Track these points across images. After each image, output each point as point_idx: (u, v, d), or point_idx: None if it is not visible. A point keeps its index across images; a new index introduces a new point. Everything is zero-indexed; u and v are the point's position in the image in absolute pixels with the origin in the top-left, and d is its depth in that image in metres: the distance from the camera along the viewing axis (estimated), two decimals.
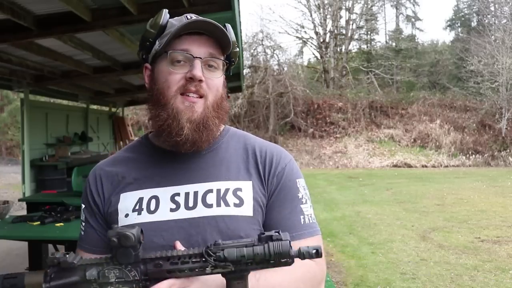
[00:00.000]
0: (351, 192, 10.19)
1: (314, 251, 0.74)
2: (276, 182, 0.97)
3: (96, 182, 1.00)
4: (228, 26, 0.97)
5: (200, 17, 0.92)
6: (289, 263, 0.75)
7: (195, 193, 0.93)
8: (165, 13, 0.95)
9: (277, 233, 0.75)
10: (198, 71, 0.89)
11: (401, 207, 8.06)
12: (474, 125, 18.56)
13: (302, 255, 0.74)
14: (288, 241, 0.75)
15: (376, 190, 10.41)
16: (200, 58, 0.91)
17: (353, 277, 4.30)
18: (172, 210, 0.92)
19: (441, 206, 8.06)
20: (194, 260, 0.77)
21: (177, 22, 0.94)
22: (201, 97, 0.92)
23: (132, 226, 0.77)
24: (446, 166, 16.32)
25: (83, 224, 1.01)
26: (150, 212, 0.92)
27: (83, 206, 1.02)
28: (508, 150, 17.06)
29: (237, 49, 0.99)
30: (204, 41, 0.92)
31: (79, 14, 3.79)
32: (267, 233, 0.76)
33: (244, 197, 0.94)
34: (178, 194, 0.93)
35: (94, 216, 0.99)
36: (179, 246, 0.87)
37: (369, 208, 7.97)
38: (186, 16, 0.95)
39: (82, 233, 1.01)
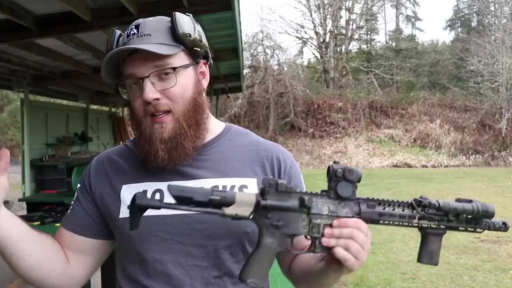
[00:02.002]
0: None
1: (502, 223, 0.81)
2: (288, 178, 1.00)
3: (98, 168, 1.01)
4: (177, 16, 0.89)
5: (124, 44, 0.89)
6: (479, 231, 0.82)
7: None
8: (112, 36, 0.92)
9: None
10: (148, 93, 0.86)
11: None
12: (474, 125, 18.56)
13: (493, 225, 0.81)
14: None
15: (376, 190, 10.40)
16: (147, 76, 0.87)
17: (353, 277, 4.30)
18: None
19: None
20: (403, 207, 0.80)
21: (121, 41, 0.91)
22: (167, 112, 0.89)
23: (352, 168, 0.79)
24: (446, 166, 16.32)
25: (73, 203, 1.01)
26: None
27: (78, 185, 1.02)
28: (508, 150, 17.06)
29: (196, 36, 0.90)
30: (145, 56, 0.87)
31: (79, 14, 3.78)
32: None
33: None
34: None
35: (87, 198, 0.99)
36: None
37: None
38: (128, 30, 0.91)
39: (69, 211, 1.01)
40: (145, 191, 0.74)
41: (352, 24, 26.45)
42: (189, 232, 0.90)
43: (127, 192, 0.94)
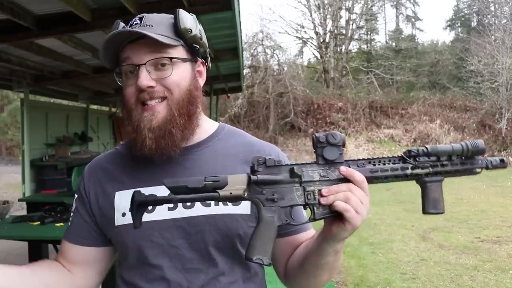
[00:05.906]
0: None
1: (500, 160, 0.82)
2: None
3: (91, 176, 1.00)
4: (181, 12, 0.91)
5: (128, 28, 0.89)
6: (477, 172, 0.82)
7: None
8: (115, 26, 0.93)
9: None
10: (142, 80, 0.86)
11: (401, 207, 8.06)
12: (474, 125, 18.56)
13: (490, 162, 0.82)
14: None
15: (376, 190, 10.40)
16: (143, 64, 0.87)
17: (353, 277, 4.30)
18: (169, 209, 0.91)
19: None
20: (394, 161, 0.80)
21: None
22: (163, 99, 0.89)
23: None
24: None
25: (72, 214, 1.02)
26: (147, 211, 0.90)
27: (76, 196, 1.02)
28: (508, 150, 17.05)
29: (197, 33, 0.92)
30: (144, 44, 0.88)
31: (79, 14, 3.79)
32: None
33: None
34: None
35: (84, 207, 0.99)
36: None
37: (369, 208, 7.96)
38: (131, 20, 0.92)
39: (69, 224, 1.02)
40: (140, 192, 0.76)
41: (352, 24, 26.45)
42: (184, 235, 0.90)
43: (120, 199, 0.93)
